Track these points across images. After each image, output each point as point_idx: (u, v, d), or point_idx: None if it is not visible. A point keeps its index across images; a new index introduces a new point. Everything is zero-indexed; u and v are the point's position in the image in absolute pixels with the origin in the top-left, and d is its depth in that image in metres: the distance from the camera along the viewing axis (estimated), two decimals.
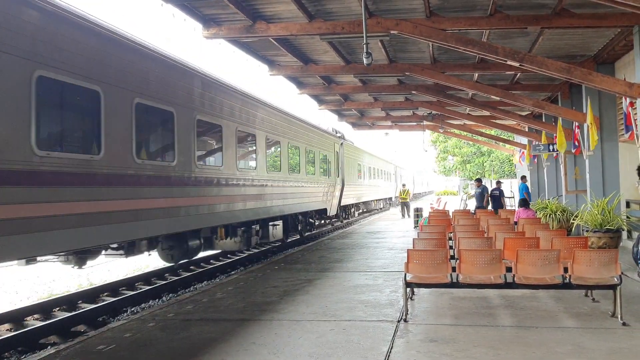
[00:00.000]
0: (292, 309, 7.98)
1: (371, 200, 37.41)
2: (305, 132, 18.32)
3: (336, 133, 25.69)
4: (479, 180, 22.95)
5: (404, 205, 30.51)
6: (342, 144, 25.46)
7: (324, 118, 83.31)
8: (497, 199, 21.98)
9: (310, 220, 20.55)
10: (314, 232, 22.41)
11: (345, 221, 29.21)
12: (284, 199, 15.66)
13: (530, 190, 23.15)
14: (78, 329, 9.02)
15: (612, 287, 6.93)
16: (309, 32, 11.76)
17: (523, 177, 23.61)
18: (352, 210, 31.24)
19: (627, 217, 12.70)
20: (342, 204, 25.49)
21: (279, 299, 8.70)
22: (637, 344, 5.90)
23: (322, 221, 24.90)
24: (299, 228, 19.12)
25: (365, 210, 37.11)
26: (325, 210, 21.75)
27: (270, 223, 15.23)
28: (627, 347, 5.80)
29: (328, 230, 25.02)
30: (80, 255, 8.98)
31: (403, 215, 29.82)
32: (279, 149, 15.46)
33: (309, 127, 19.04)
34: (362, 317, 7.38)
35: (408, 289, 7.60)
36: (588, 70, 11.76)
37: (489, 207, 21.74)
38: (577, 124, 15.34)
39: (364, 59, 10.77)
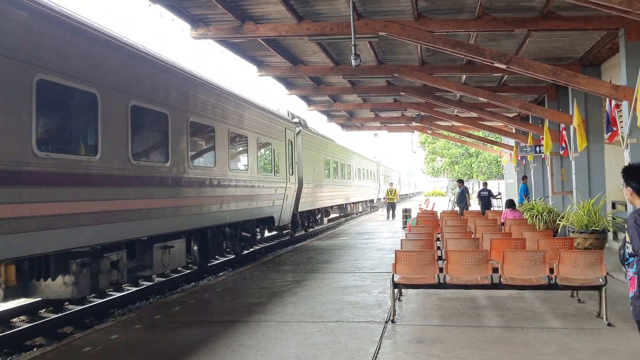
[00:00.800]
0: (280, 310, 7.97)
1: (346, 204, 32.04)
2: (229, 107, 12.82)
3: (292, 117, 20.02)
4: (460, 182, 22.81)
5: (391, 206, 29.21)
6: (299, 132, 20.13)
7: (315, 117, 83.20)
8: (486, 199, 21.99)
9: (245, 234, 15.03)
10: (254, 249, 17.25)
11: (310, 230, 24.14)
12: (185, 206, 10.52)
13: (528, 191, 22.76)
14: (64, 330, 8.95)
15: (598, 287, 7.00)
16: (297, 33, 11.76)
17: (524, 178, 23.19)
18: (319, 216, 25.82)
19: (613, 218, 12.81)
20: (300, 210, 20.19)
21: (267, 300, 8.69)
22: (622, 344, 5.96)
23: (284, 231, 20.78)
24: (226, 246, 14.21)
25: (341, 215, 33.33)
26: (272, 219, 16.61)
27: (158, 244, 10.14)
28: (613, 347, 5.86)
29: (317, 232, 24.84)
30: None
31: (388, 217, 28.56)
32: (166, 128, 10.01)
33: (238, 100, 13.51)
34: (350, 318, 7.39)
35: (396, 290, 7.62)
36: (574, 73, 11.84)
37: (469, 208, 21.72)
38: (563, 125, 15.46)
39: (352, 60, 10.78)
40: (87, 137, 8.10)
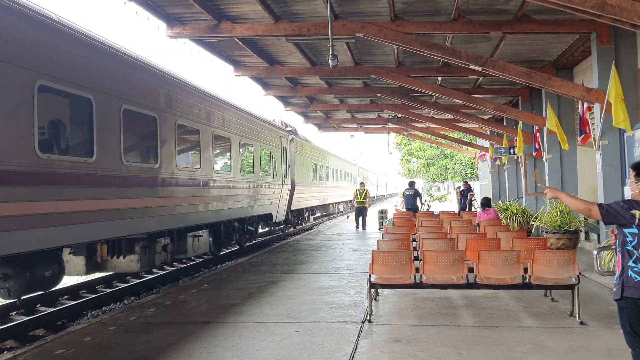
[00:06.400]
0: (257, 311, 7.93)
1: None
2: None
3: None
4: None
5: (360, 212, 22.60)
6: None
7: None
8: (411, 198, 21.24)
9: None
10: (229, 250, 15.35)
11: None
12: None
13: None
14: (36, 333, 8.78)
15: (571, 287, 7.10)
16: (274, 33, 11.73)
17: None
18: None
19: (585, 218, 13.03)
20: None
21: (243, 301, 8.64)
22: (594, 342, 6.06)
23: None
24: None
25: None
26: None
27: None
28: (585, 345, 5.95)
29: (295, 232, 24.80)
30: None
31: (358, 226, 22.44)
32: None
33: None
34: (326, 318, 7.39)
35: (372, 290, 7.63)
36: (548, 75, 12.04)
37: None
38: (537, 127, 15.69)
39: (330, 61, 10.80)
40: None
